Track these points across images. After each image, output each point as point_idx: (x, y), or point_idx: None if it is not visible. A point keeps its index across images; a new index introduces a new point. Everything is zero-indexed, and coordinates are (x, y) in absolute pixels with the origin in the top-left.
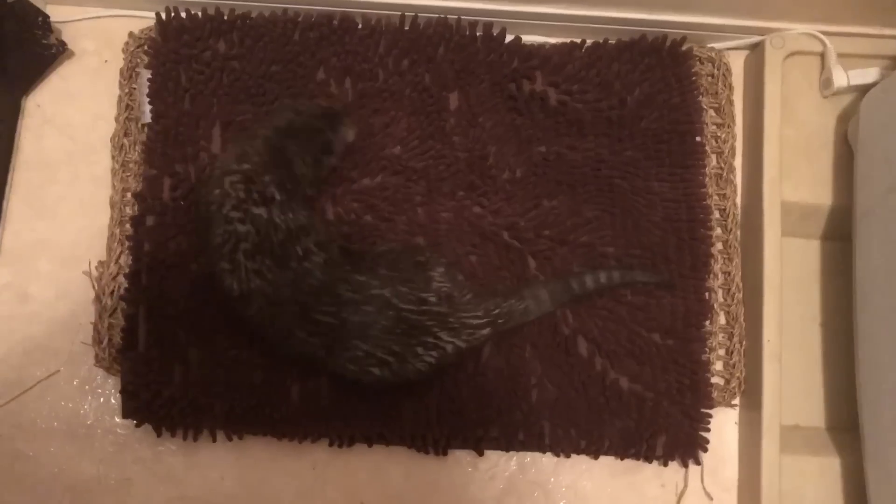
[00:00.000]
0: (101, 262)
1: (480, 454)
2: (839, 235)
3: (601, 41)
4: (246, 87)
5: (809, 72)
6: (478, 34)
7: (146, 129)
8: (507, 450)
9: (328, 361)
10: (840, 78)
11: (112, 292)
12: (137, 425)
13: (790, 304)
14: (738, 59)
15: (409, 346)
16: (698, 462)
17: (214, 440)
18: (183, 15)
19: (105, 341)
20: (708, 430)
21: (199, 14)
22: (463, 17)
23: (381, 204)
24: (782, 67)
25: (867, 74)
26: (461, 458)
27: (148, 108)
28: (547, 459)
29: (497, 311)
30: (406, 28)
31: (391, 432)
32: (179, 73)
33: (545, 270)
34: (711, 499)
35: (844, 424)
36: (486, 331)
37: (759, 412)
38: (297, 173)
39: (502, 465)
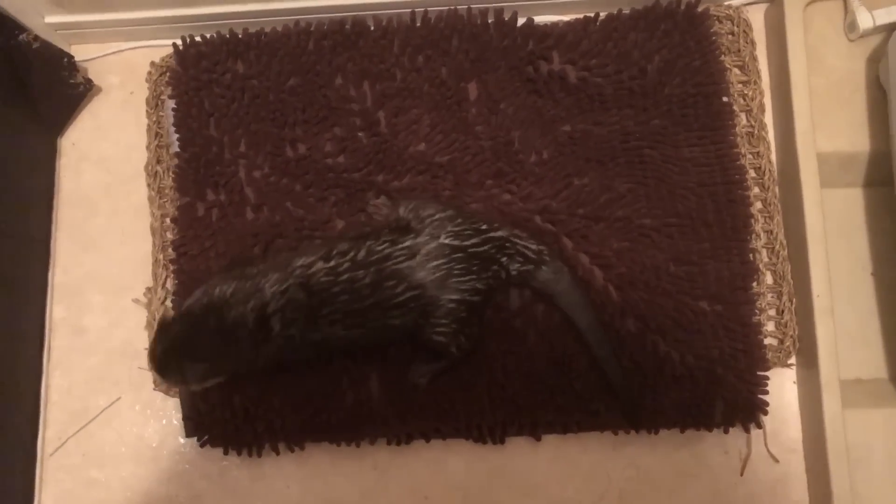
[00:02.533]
0: (148, 289)
1: (538, 439)
2: (881, 181)
3: (615, 12)
4: (267, 103)
5: (833, 17)
6: (490, 21)
7: (176, 157)
8: (565, 432)
9: (426, 330)
10: (865, 19)
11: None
12: (201, 446)
13: (838, 256)
14: (757, 13)
15: (487, 279)
16: (759, 425)
17: (277, 454)
18: (199, 40)
19: None
20: (766, 392)
21: (215, 37)
22: (473, 6)
23: None
24: (804, 16)
25: (893, 12)
26: (520, 444)
27: (175, 137)
28: (607, 437)
29: (546, 253)
30: (418, 24)
31: (447, 426)
32: (202, 99)
33: (582, 249)
34: (777, 461)
35: None
36: (530, 267)
37: (817, 369)
38: None
39: (562, 448)
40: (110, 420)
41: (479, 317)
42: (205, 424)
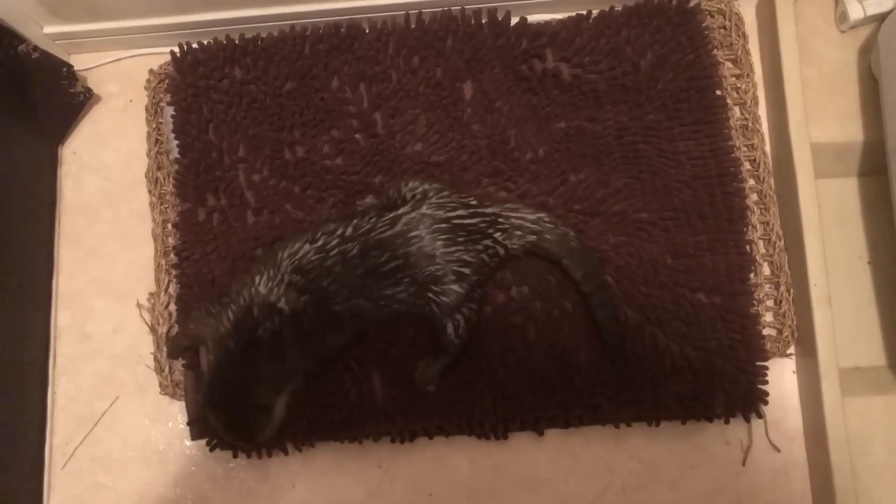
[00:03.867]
0: (151, 294)
1: (540, 434)
2: (876, 170)
3: (607, 9)
4: (265, 107)
5: (823, 8)
6: (483, 21)
7: (176, 163)
8: (567, 426)
9: (418, 302)
10: (855, 10)
11: (166, 321)
12: (210, 450)
13: (835, 246)
14: (748, 7)
15: (476, 252)
16: (760, 415)
17: (286, 454)
18: (196, 47)
19: (166, 369)
20: (765, 382)
21: (212, 43)
22: (466, 7)
23: None
24: (795, 8)
25: (883, 2)
26: (523, 440)
27: (175, 143)
28: (609, 431)
29: (547, 221)
30: (412, 26)
31: (450, 423)
32: (200, 105)
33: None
34: (778, 450)
35: None
36: (532, 237)
37: (816, 358)
38: None
39: (565, 443)
40: (115, 424)
41: (476, 301)
42: (210, 428)
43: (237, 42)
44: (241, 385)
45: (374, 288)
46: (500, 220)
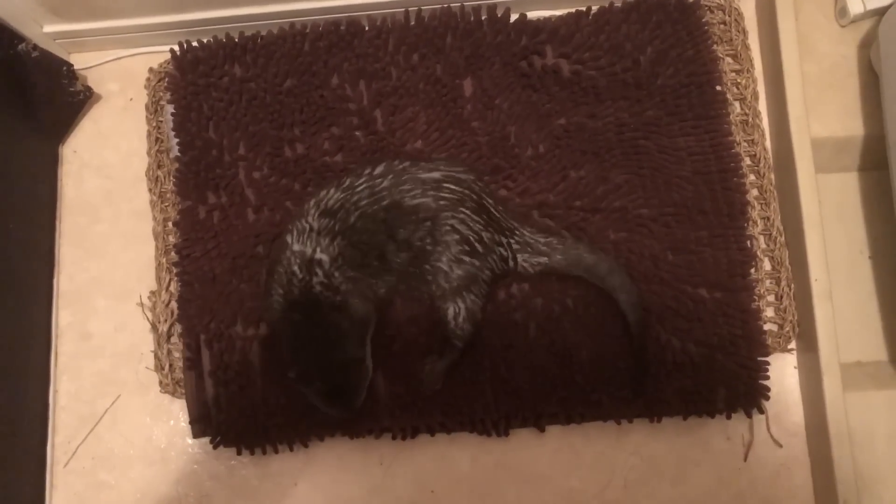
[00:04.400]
0: (152, 292)
1: (542, 431)
2: (876, 164)
3: (607, 5)
4: (265, 105)
5: (823, 3)
6: (483, 18)
7: (176, 161)
8: (568, 423)
9: (425, 266)
10: (855, 5)
11: (167, 320)
12: (214, 447)
13: (835, 241)
14: (748, 2)
15: (493, 242)
16: (761, 411)
17: (291, 450)
18: (196, 45)
19: (167, 367)
20: (767, 377)
21: (212, 41)
22: (466, 3)
23: None
24: (794, 3)
25: None
26: (524, 436)
27: (175, 141)
28: (610, 427)
29: (556, 242)
30: (412, 23)
31: (451, 420)
32: (200, 103)
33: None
34: (780, 445)
35: None
36: (543, 259)
37: (817, 353)
38: None
39: (566, 439)
40: (117, 423)
41: (480, 296)
42: (213, 426)
43: (237, 40)
44: (327, 350)
45: (396, 223)
46: (517, 233)
